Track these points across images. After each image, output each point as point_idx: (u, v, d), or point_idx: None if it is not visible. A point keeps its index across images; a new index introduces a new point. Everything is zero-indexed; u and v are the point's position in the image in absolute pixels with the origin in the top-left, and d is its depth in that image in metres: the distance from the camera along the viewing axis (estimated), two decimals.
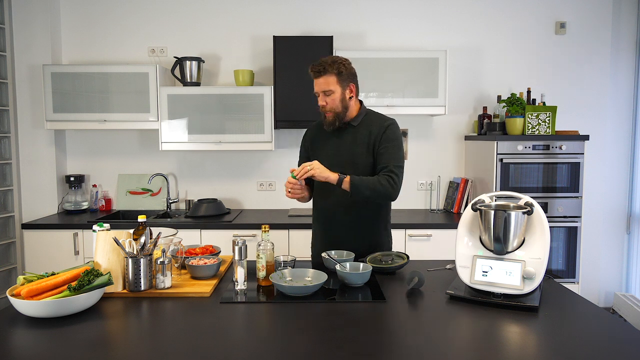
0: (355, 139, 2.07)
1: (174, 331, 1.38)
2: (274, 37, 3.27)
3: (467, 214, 1.70)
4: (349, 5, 3.62)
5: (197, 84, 3.44)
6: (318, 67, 2.00)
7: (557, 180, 3.20)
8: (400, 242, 3.10)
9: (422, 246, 3.14)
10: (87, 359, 1.20)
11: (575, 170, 3.19)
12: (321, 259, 1.95)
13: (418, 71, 3.32)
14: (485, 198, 1.71)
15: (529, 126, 3.21)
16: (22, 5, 3.39)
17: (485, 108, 3.52)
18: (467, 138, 3.68)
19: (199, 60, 3.43)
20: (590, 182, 3.62)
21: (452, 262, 1.99)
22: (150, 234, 1.83)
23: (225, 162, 3.72)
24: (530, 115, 3.20)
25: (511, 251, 1.59)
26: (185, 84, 3.41)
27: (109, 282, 1.55)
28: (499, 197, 2.25)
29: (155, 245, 1.73)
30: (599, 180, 3.71)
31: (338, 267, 1.78)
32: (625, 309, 3.53)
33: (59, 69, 3.32)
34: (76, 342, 1.28)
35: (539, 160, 3.19)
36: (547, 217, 1.83)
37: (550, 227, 1.67)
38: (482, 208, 1.62)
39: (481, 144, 3.41)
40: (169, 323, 1.45)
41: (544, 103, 3.39)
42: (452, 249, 1.73)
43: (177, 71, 3.42)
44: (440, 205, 3.74)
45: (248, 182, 3.74)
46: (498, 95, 3.53)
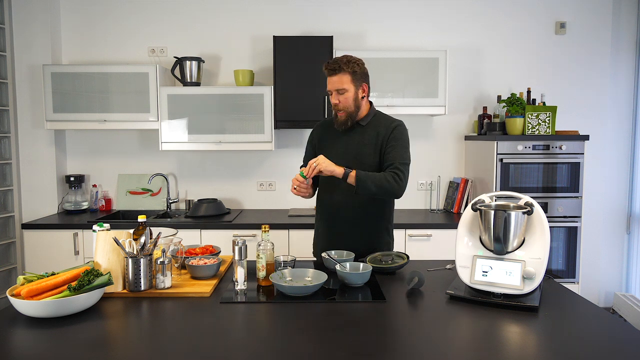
0: (363, 138, 2.08)
1: (174, 331, 1.38)
2: (274, 37, 3.27)
3: (467, 214, 1.70)
4: (349, 5, 3.62)
5: (197, 84, 3.44)
6: (333, 66, 2.01)
7: (557, 180, 3.20)
8: (400, 242, 3.10)
9: (422, 246, 3.14)
10: (87, 359, 1.20)
11: (575, 170, 3.19)
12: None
13: (418, 71, 3.32)
14: (485, 198, 1.71)
15: (529, 126, 3.21)
16: (22, 5, 3.39)
17: (485, 108, 3.52)
18: (467, 138, 3.68)
19: (199, 60, 3.43)
20: (590, 182, 3.62)
21: (452, 262, 1.99)
22: (150, 234, 1.83)
23: (225, 162, 3.72)
24: (530, 115, 3.20)
25: (511, 251, 1.59)
26: (185, 84, 3.41)
27: (109, 282, 1.55)
28: (499, 197, 2.25)
29: (155, 245, 1.73)
30: (599, 180, 3.71)
31: (338, 267, 1.78)
32: (625, 309, 3.53)
33: (59, 69, 3.32)
34: (76, 342, 1.28)
35: (539, 160, 3.19)
36: (547, 217, 1.83)
37: (550, 227, 1.67)
38: (482, 208, 1.62)
39: (481, 144, 3.41)
40: (169, 323, 1.45)
41: (544, 103, 3.39)
42: (452, 249, 1.73)
43: (177, 71, 3.42)
44: (440, 205, 3.74)
45: (248, 182, 3.74)
46: (498, 95, 3.53)
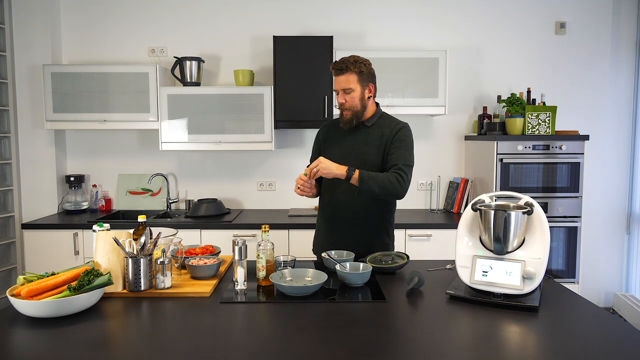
0: (367, 139, 2.08)
1: (174, 331, 1.38)
2: (274, 37, 3.27)
3: (467, 214, 1.70)
4: (349, 5, 3.62)
5: (197, 84, 3.44)
6: (340, 65, 2.01)
7: (557, 180, 3.20)
8: (400, 242, 3.10)
9: (422, 246, 3.14)
10: (87, 359, 1.20)
11: (575, 170, 3.19)
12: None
13: (418, 71, 3.32)
14: (485, 198, 1.71)
15: (529, 126, 3.20)
16: (22, 5, 3.39)
17: (485, 108, 3.52)
18: (467, 138, 3.68)
19: (199, 60, 3.43)
20: (590, 182, 3.62)
21: (452, 262, 1.99)
22: (150, 234, 1.83)
23: (225, 162, 3.72)
24: (530, 115, 3.20)
25: (511, 251, 1.59)
26: (185, 84, 3.41)
27: (109, 282, 1.55)
28: (499, 197, 2.25)
29: (155, 245, 1.73)
30: (599, 180, 3.71)
31: (338, 267, 1.78)
32: (625, 309, 3.53)
33: (59, 69, 3.32)
34: (76, 342, 1.28)
35: (539, 160, 3.19)
36: (547, 217, 1.83)
37: (550, 227, 1.67)
38: (482, 208, 1.62)
39: (481, 144, 3.41)
40: (169, 323, 1.45)
41: (544, 103, 3.39)
42: (452, 249, 1.73)
43: (177, 71, 3.42)
44: (440, 205, 3.74)
45: (248, 182, 3.74)
46: (498, 95, 3.53)
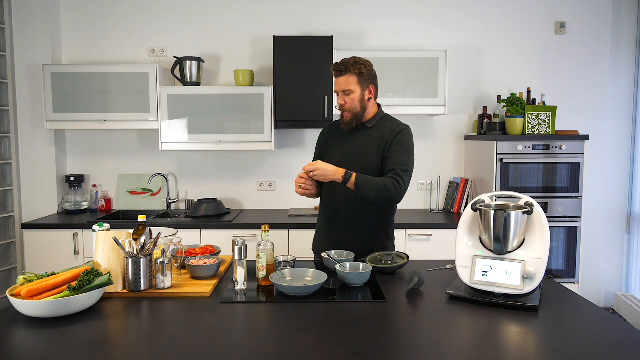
0: (367, 140, 2.08)
1: (174, 331, 1.38)
2: (274, 37, 3.27)
3: (467, 214, 1.70)
4: (349, 5, 3.62)
5: (197, 84, 3.44)
6: (340, 67, 2.02)
7: (557, 180, 3.20)
8: (400, 242, 3.10)
9: (422, 246, 3.13)
10: (87, 359, 1.20)
11: (575, 170, 3.19)
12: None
13: (418, 71, 3.32)
14: (485, 198, 1.71)
15: (529, 126, 3.20)
16: (22, 5, 3.39)
17: (485, 108, 3.52)
18: (467, 138, 3.68)
19: (199, 60, 3.43)
20: (590, 182, 3.62)
21: (452, 262, 1.99)
22: (150, 234, 1.83)
23: (225, 162, 3.72)
24: (530, 115, 3.20)
25: (511, 251, 1.59)
26: (185, 84, 3.41)
27: (109, 282, 1.55)
28: (499, 197, 2.25)
29: (155, 245, 1.73)
30: (599, 180, 3.71)
31: (338, 267, 1.78)
32: (625, 309, 3.53)
33: (59, 69, 3.32)
34: (76, 342, 1.28)
35: (539, 160, 3.19)
36: (547, 217, 1.83)
37: (550, 227, 1.67)
38: (482, 208, 1.62)
39: (481, 144, 3.41)
40: (169, 323, 1.45)
41: (544, 103, 3.39)
42: (452, 249, 1.73)
43: (177, 71, 3.42)
44: (440, 205, 3.74)
45: (248, 182, 3.74)
46: (498, 95, 3.53)
